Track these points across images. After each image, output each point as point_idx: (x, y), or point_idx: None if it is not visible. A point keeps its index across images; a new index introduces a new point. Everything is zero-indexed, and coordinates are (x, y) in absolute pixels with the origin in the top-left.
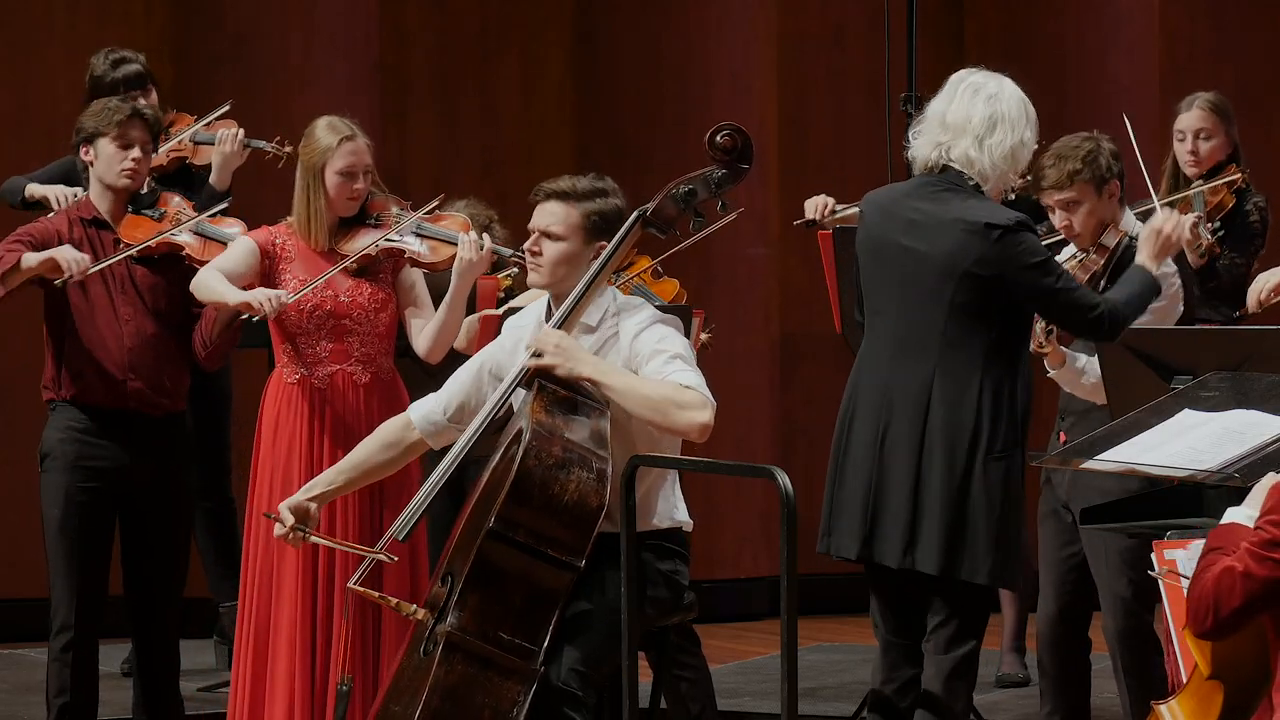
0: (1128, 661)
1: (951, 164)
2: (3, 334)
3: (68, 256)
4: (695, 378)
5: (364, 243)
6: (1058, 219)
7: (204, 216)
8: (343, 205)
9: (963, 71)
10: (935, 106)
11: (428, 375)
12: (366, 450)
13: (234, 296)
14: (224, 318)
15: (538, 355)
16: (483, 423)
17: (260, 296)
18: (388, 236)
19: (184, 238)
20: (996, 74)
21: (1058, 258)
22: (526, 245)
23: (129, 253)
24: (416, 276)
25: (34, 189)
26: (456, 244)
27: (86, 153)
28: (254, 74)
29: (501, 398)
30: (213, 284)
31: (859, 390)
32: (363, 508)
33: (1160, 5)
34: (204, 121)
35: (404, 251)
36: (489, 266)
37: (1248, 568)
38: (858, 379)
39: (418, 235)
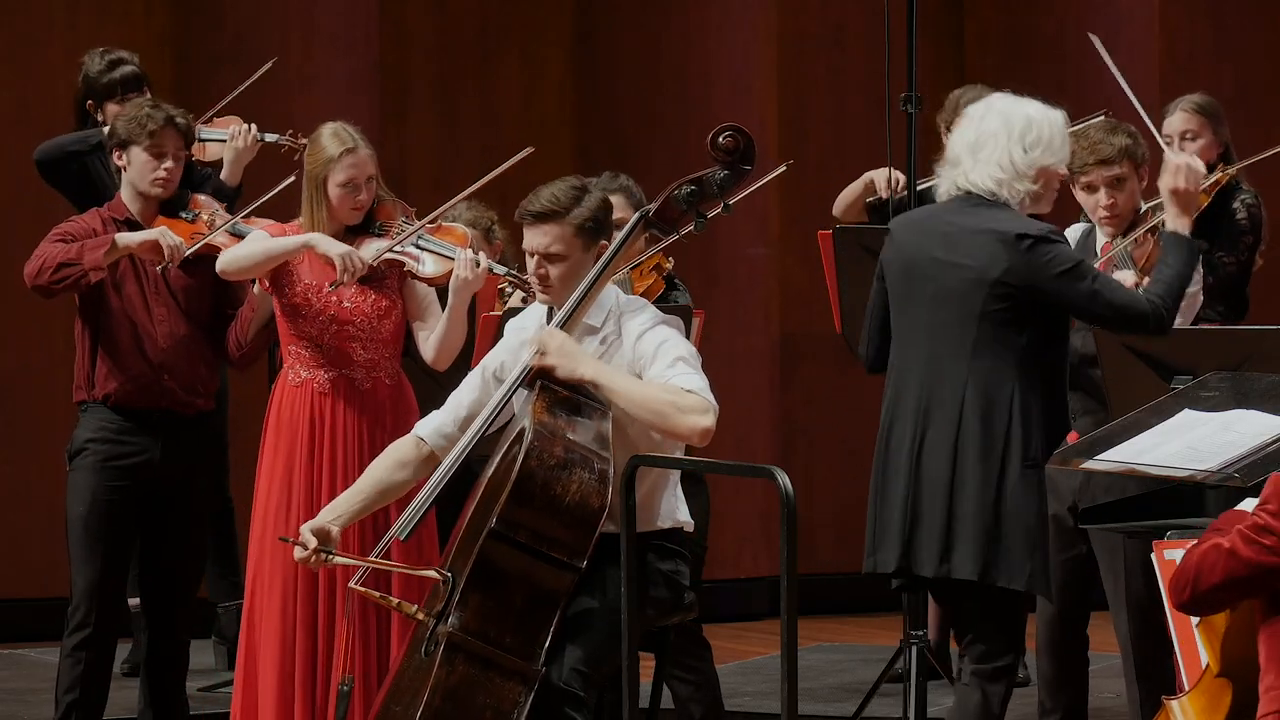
0: (1141, 661)
1: (964, 189)
2: (2, 334)
3: (170, 242)
4: (699, 381)
5: (367, 254)
6: (1101, 198)
7: (239, 217)
8: (346, 215)
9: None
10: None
11: (434, 381)
12: (380, 470)
13: (333, 248)
14: (260, 318)
15: (540, 355)
16: (486, 422)
17: (351, 258)
18: (392, 249)
19: (219, 238)
20: (1000, 95)
21: (1103, 249)
22: (531, 271)
23: (185, 253)
24: (423, 285)
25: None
26: (452, 257)
27: (120, 157)
28: (253, 74)
29: (504, 397)
30: (264, 243)
31: (896, 404)
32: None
33: (1160, 5)
34: (247, 84)
35: (404, 264)
36: (484, 283)
37: (1235, 546)
38: (894, 394)
39: (419, 248)
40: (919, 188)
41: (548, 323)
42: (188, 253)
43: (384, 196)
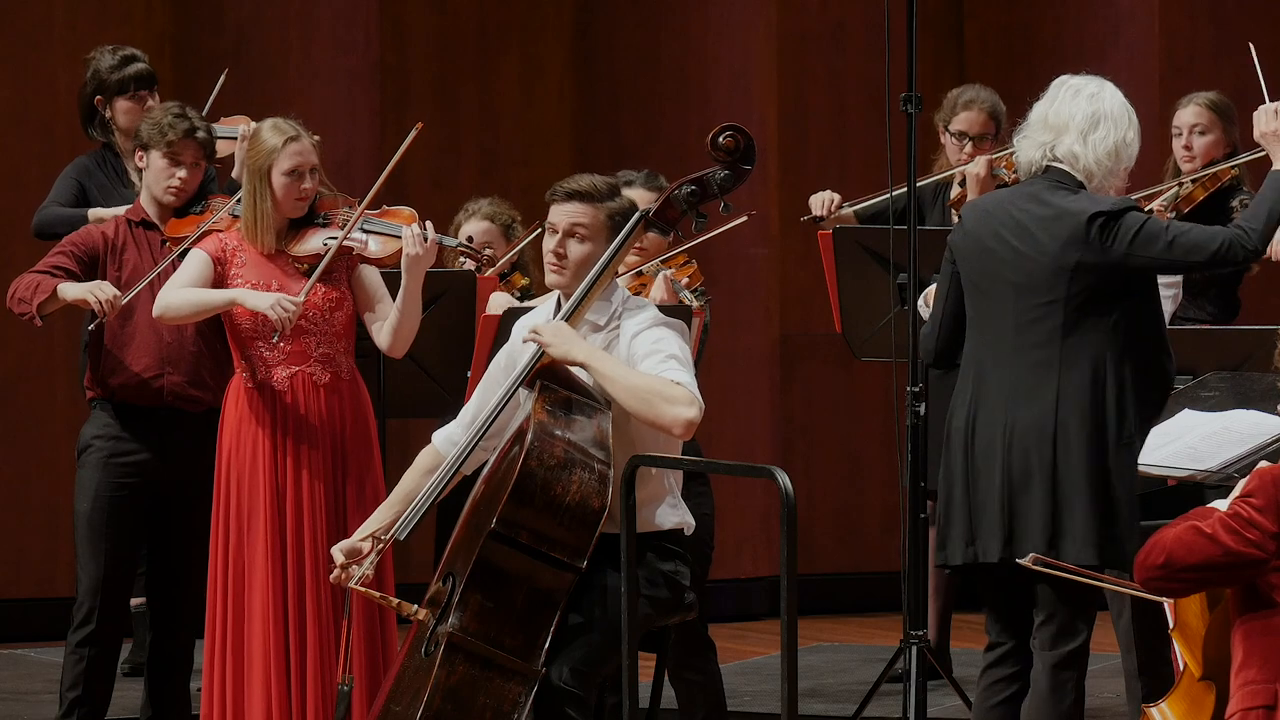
0: (1142, 658)
1: (1056, 163)
2: (3, 334)
3: (100, 298)
4: (687, 377)
5: (314, 245)
6: None
7: (234, 201)
8: (291, 206)
9: (1064, 76)
10: (1037, 110)
11: (430, 378)
12: (411, 480)
13: (260, 301)
14: None
15: (535, 336)
16: (488, 420)
17: (281, 304)
18: (334, 236)
19: (222, 225)
20: (1098, 77)
21: None
22: (551, 247)
23: (171, 259)
24: (373, 273)
25: (101, 213)
26: (401, 237)
27: (141, 159)
28: (254, 74)
29: (505, 396)
30: (193, 296)
31: (980, 393)
32: (328, 498)
33: (1160, 5)
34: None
35: (352, 249)
36: (435, 258)
37: (1215, 532)
38: (976, 383)
39: (365, 231)
40: (919, 185)
41: (554, 318)
42: (187, 244)
43: (325, 191)
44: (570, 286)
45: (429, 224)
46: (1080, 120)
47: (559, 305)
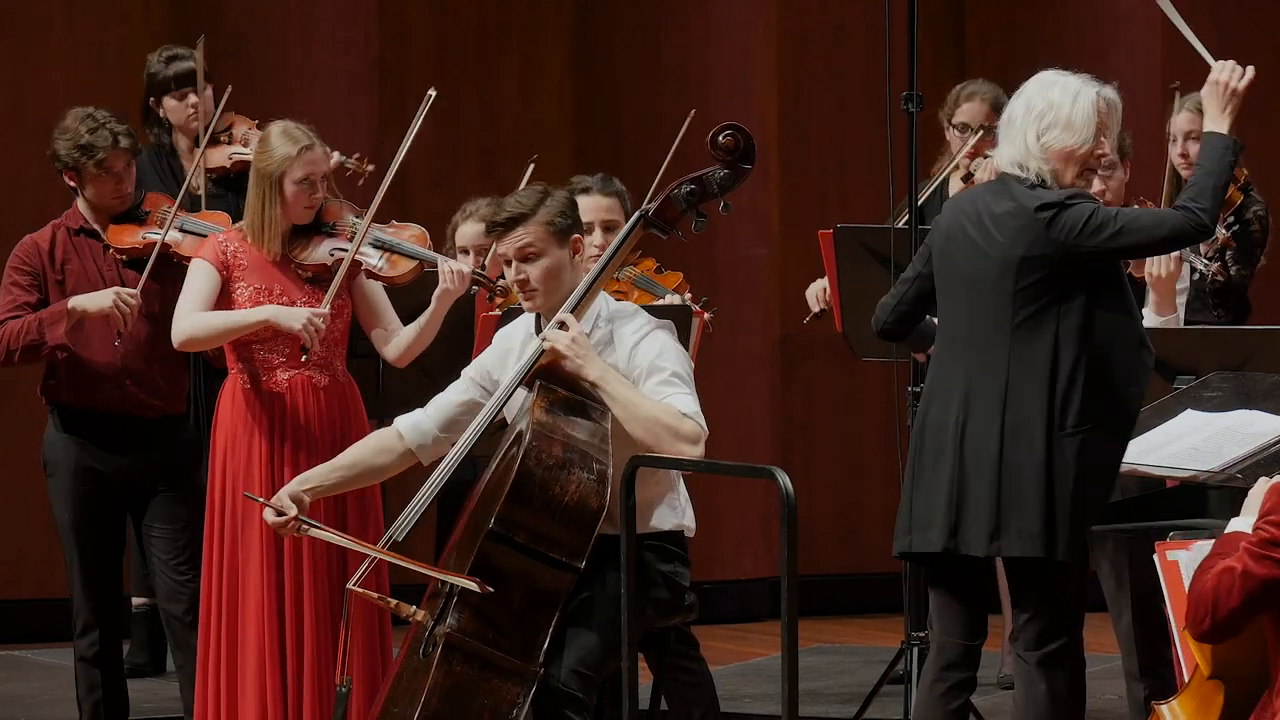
0: (1143, 660)
1: (1008, 166)
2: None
3: (124, 309)
4: (693, 403)
5: (321, 254)
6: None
7: (176, 213)
8: (299, 213)
9: (1044, 71)
10: (1011, 106)
11: (431, 380)
12: (364, 450)
13: (293, 320)
14: None
15: (552, 342)
16: (484, 422)
17: (312, 323)
18: (340, 246)
19: (172, 235)
20: (1047, 72)
21: None
22: (514, 278)
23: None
24: (375, 285)
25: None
26: (415, 258)
27: (70, 178)
28: (254, 73)
29: (503, 397)
30: (220, 322)
31: (937, 389)
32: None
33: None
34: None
35: (360, 264)
36: (466, 287)
37: (1246, 566)
38: (933, 379)
39: (375, 247)
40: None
41: (536, 330)
42: (150, 260)
43: (329, 197)
44: (548, 306)
45: (453, 262)
46: (1002, 124)
47: (538, 320)
